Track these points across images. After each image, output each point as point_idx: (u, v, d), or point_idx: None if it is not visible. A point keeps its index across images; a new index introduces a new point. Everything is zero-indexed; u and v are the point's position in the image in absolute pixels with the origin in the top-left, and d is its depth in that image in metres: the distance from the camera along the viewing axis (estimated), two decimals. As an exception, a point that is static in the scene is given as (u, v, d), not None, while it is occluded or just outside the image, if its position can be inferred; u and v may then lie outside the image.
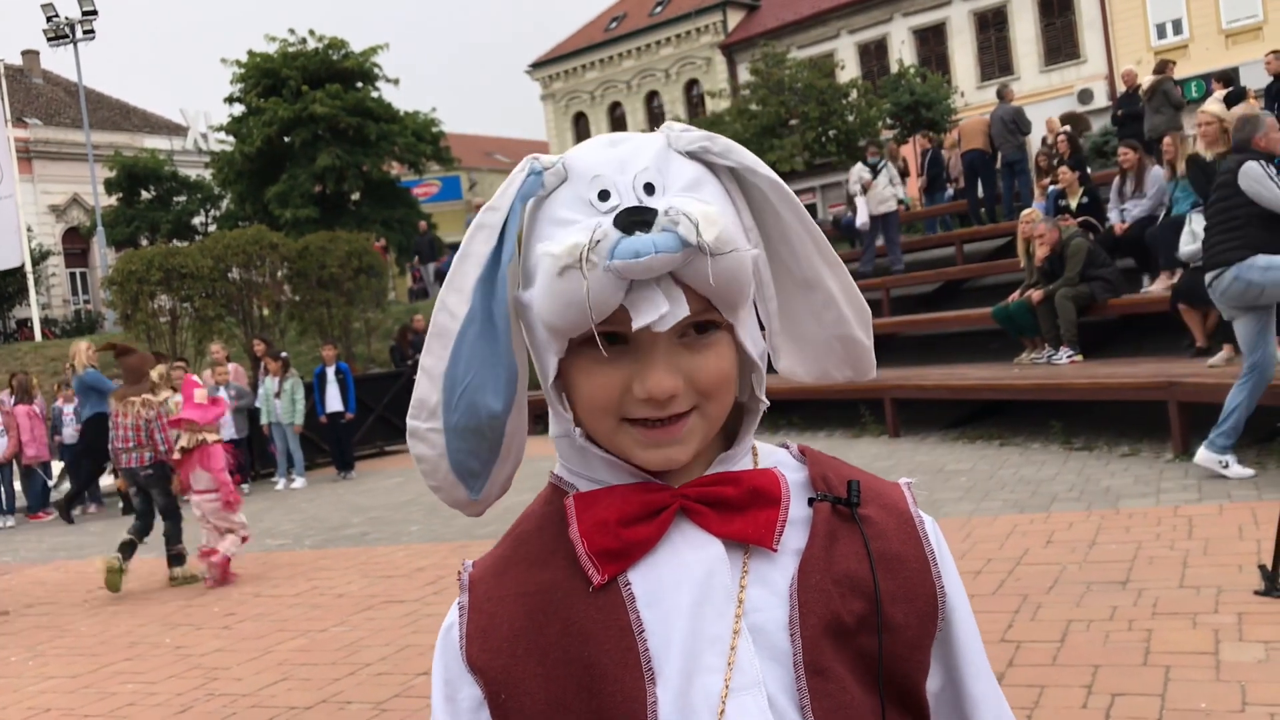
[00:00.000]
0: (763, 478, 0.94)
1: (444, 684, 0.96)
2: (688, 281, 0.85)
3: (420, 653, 5.40)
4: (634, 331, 0.86)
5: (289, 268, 18.48)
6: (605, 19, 46.15)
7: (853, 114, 25.27)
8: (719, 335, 0.90)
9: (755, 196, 0.96)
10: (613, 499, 0.92)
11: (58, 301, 36.97)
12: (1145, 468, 7.73)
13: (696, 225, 0.83)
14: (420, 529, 9.23)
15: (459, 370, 0.93)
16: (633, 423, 0.89)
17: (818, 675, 0.89)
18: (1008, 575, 5.45)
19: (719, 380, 0.90)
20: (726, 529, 0.91)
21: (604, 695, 0.88)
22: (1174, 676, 3.90)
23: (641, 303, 0.84)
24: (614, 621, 0.89)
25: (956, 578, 0.99)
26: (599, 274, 0.83)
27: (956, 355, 12.38)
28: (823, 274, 0.99)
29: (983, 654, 1.01)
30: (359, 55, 29.27)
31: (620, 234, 0.83)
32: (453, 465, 0.96)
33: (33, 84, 42.90)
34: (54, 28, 30.65)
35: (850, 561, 0.93)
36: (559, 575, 0.92)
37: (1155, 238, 10.32)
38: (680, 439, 0.90)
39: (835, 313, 1.01)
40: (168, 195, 33.57)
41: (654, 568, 0.90)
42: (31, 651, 6.52)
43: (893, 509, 0.99)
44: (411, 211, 29.90)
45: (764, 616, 0.90)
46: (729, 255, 0.84)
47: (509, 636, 0.92)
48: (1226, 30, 30.84)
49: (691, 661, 0.88)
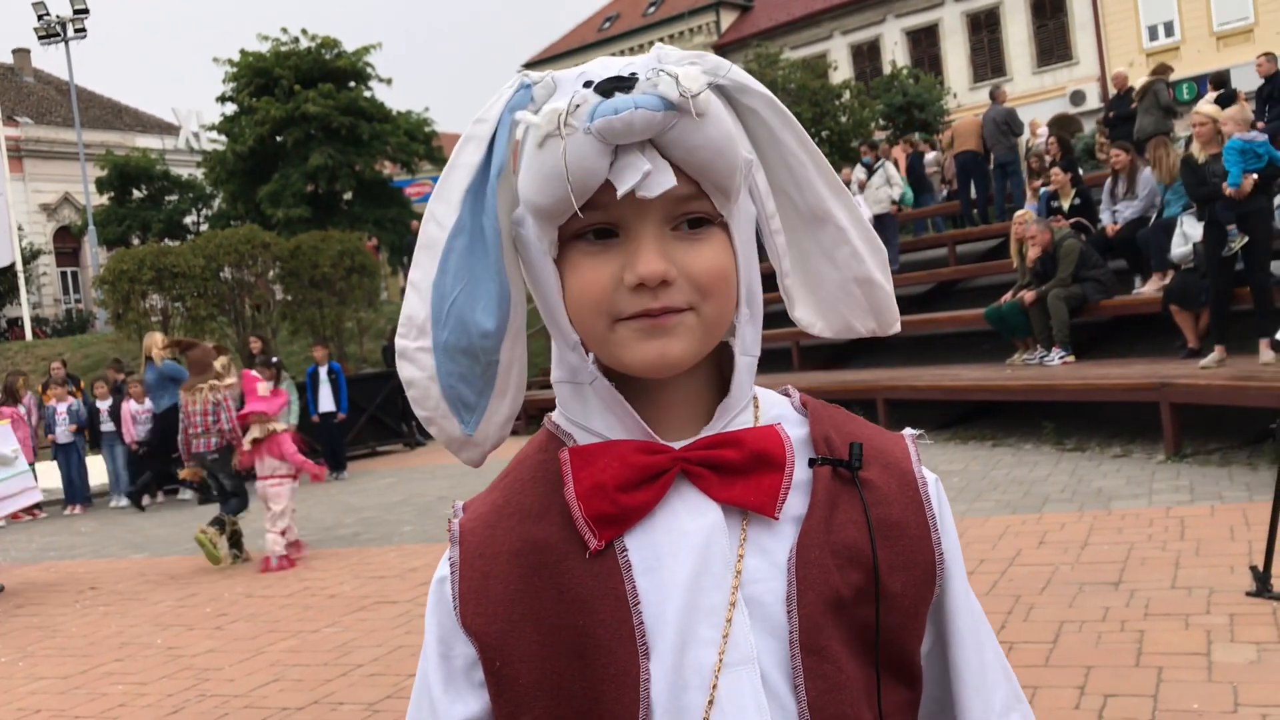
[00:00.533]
0: (767, 439, 0.91)
1: (438, 640, 0.93)
2: (672, 155, 0.82)
3: (412, 654, 5.39)
4: (623, 218, 0.84)
5: (281, 267, 18.47)
6: (599, 19, 46.16)
7: (845, 115, 25.32)
8: (714, 231, 0.87)
9: (750, 122, 0.92)
10: (610, 459, 0.89)
11: (49, 301, 36.84)
12: (1137, 469, 7.75)
13: (676, 79, 0.80)
14: (413, 529, 9.22)
15: (447, 282, 0.89)
16: (625, 322, 0.86)
17: (814, 654, 0.87)
18: (1000, 576, 5.46)
19: (714, 273, 0.86)
20: (727, 494, 0.88)
21: (597, 666, 0.86)
22: (1166, 677, 3.91)
23: (625, 169, 0.81)
24: (610, 590, 0.87)
25: (954, 538, 0.96)
26: (579, 137, 0.81)
27: (949, 356, 12.40)
28: (830, 204, 0.95)
29: (971, 616, 0.97)
30: (352, 55, 29.18)
31: (600, 98, 0.81)
32: (444, 390, 0.91)
33: (24, 82, 42.76)
34: (45, 26, 30.56)
35: (850, 530, 0.90)
36: (554, 534, 0.90)
37: (1147, 239, 10.34)
38: (673, 332, 0.85)
39: (848, 250, 0.95)
40: (159, 194, 33.47)
41: (651, 533, 0.88)
42: (21, 652, 6.49)
43: (895, 469, 0.95)
44: (404, 211, 29.84)
45: (761, 588, 0.88)
46: (717, 119, 0.82)
47: (504, 599, 0.90)
48: (1218, 32, 30.95)
49: (686, 634, 0.86)
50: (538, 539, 0.90)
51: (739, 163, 0.85)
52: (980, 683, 0.96)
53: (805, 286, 0.97)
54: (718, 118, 0.83)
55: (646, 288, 0.84)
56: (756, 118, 0.91)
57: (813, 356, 14.55)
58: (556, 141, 0.81)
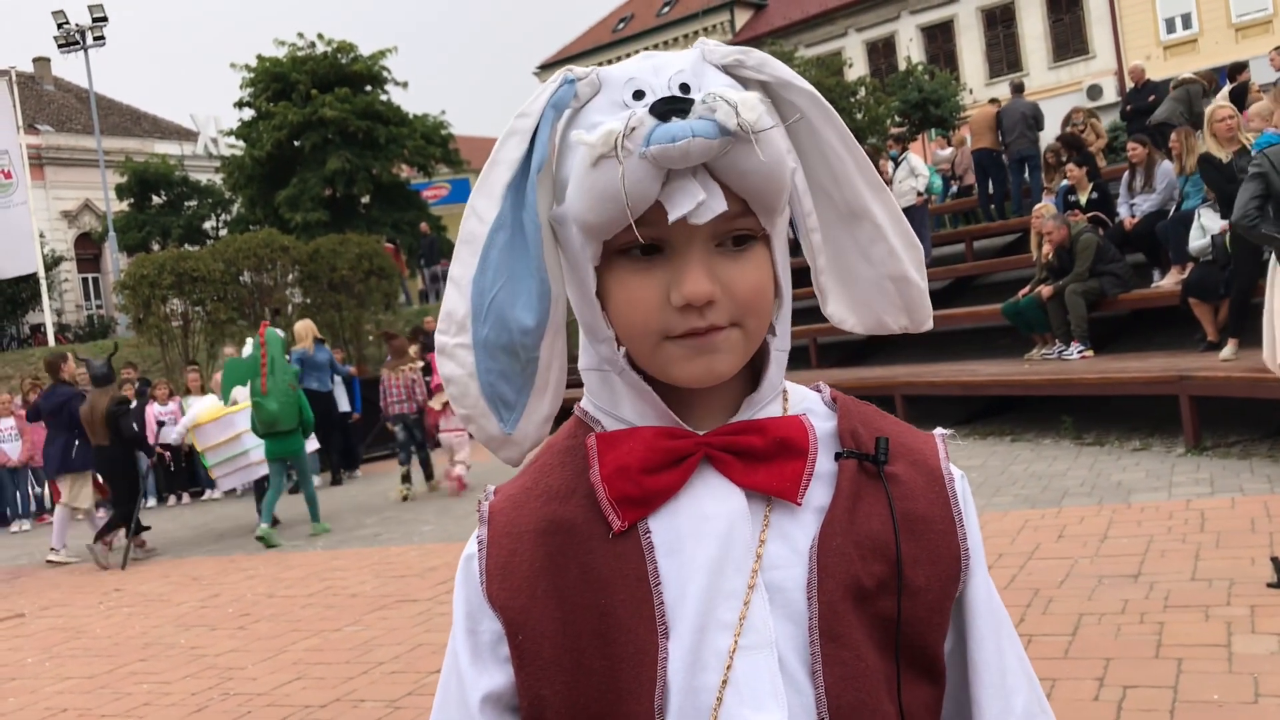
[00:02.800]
0: (790, 427, 0.92)
1: (465, 616, 0.95)
2: (725, 179, 0.82)
3: (433, 651, 5.42)
4: (670, 236, 0.84)
5: (300, 271, 18.57)
6: (613, 19, 46.21)
7: (861, 112, 25.24)
8: (756, 247, 0.87)
9: (791, 116, 0.91)
10: (636, 443, 0.90)
11: (70, 307, 37.10)
12: (1157, 462, 7.72)
13: (735, 108, 0.80)
14: (432, 529, 9.26)
15: (488, 278, 0.90)
16: (673, 340, 0.87)
17: (832, 641, 0.87)
18: (1019, 570, 5.45)
19: (757, 291, 0.87)
20: (750, 479, 0.89)
21: (617, 644, 0.88)
22: (1186, 669, 3.90)
23: (677, 194, 0.82)
24: (632, 570, 0.88)
25: (978, 536, 0.96)
26: (635, 161, 0.81)
27: (967, 351, 12.36)
28: (868, 201, 0.94)
29: (994, 617, 0.96)
30: (368, 59, 29.30)
31: (656, 121, 0.81)
32: (483, 388, 0.92)
33: (44, 91, 43.08)
34: (65, 34, 30.74)
35: (874, 522, 0.90)
36: (579, 514, 0.91)
37: (1165, 232, 10.29)
38: (720, 348, 0.87)
39: (884, 247, 0.95)
40: (179, 200, 33.66)
41: (674, 516, 0.89)
42: (48, 653, 6.56)
43: (922, 465, 0.96)
44: (421, 214, 29.93)
45: (782, 574, 0.89)
46: (771, 145, 0.82)
47: (528, 575, 0.91)
48: (1236, 24, 30.76)
49: (705, 616, 0.87)
50: (563, 518, 0.92)
51: (788, 182, 0.86)
52: (1000, 683, 0.95)
53: (840, 283, 0.98)
54: (772, 141, 0.83)
55: (693, 308, 0.85)
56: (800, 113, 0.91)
57: (830, 353, 14.53)
58: (612, 164, 0.81)
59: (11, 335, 31.06)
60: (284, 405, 9.59)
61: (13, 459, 13.32)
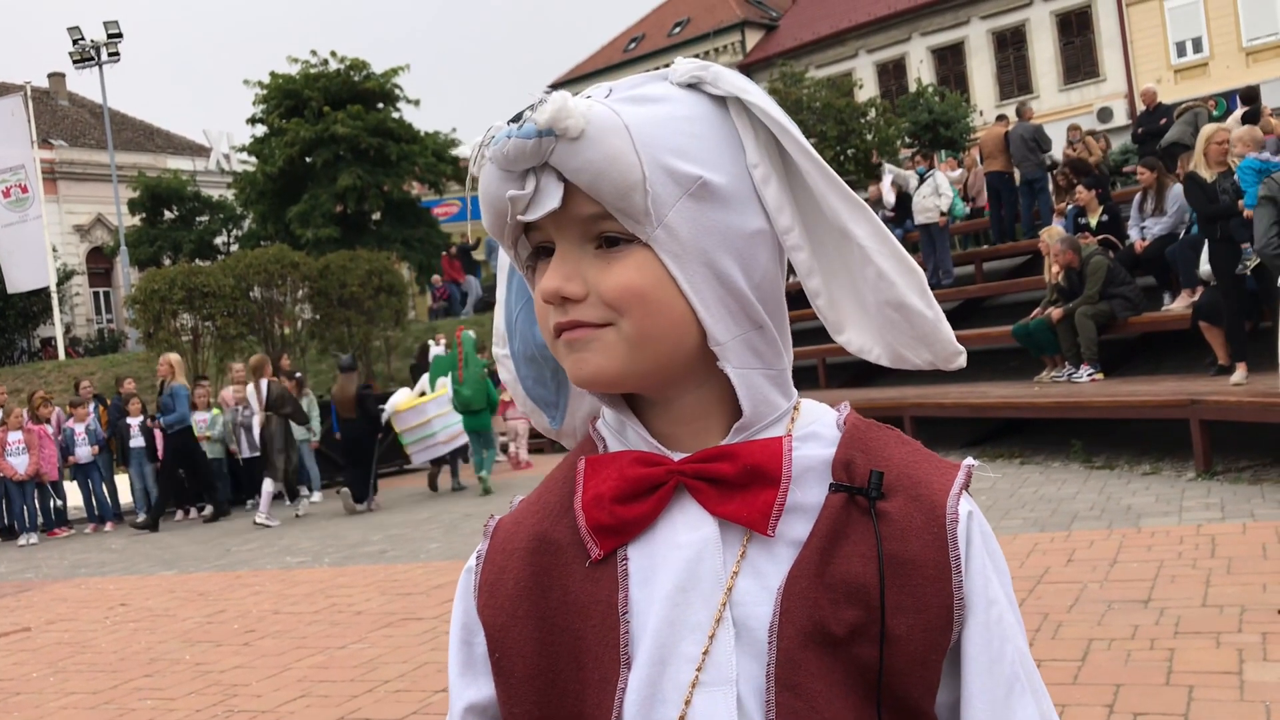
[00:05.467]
0: (764, 453, 0.88)
1: (461, 627, 0.97)
2: (567, 177, 0.84)
3: (438, 669, 5.40)
4: (551, 237, 0.88)
5: (310, 287, 18.63)
6: (624, 39, 46.41)
7: (871, 133, 25.29)
8: (631, 249, 0.85)
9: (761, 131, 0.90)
10: (612, 471, 0.90)
11: (81, 321, 37.27)
12: (1167, 486, 7.68)
13: (539, 109, 0.83)
14: (439, 546, 9.25)
15: (511, 300, 1.01)
16: (557, 338, 0.89)
17: (787, 690, 0.84)
18: (1028, 594, 5.42)
19: (623, 291, 0.85)
20: (723, 508, 0.87)
21: (586, 670, 0.88)
22: (1197, 696, 3.86)
23: (511, 192, 0.86)
24: (605, 597, 0.88)
25: (983, 582, 0.87)
26: (487, 167, 0.86)
27: (976, 373, 12.34)
28: (845, 220, 0.89)
29: (992, 671, 0.87)
30: (380, 76, 29.49)
31: (506, 127, 0.85)
32: (527, 391, 1.02)
33: (58, 106, 43.42)
34: (80, 50, 30.99)
35: (853, 563, 0.85)
36: (565, 536, 0.91)
37: (1176, 255, 10.28)
38: (587, 346, 0.87)
39: (873, 270, 0.90)
40: (190, 215, 33.84)
41: (651, 544, 0.89)
42: (53, 668, 6.55)
43: (925, 502, 0.88)
44: (432, 231, 30.06)
45: (749, 611, 0.86)
46: (585, 142, 0.82)
47: (512, 594, 0.92)
48: (1247, 48, 30.77)
49: (667, 649, 0.85)
50: (552, 538, 0.92)
51: (631, 182, 0.83)
52: None
53: (857, 310, 0.93)
54: (597, 140, 0.82)
55: (551, 304, 0.87)
56: (762, 127, 0.89)
57: (839, 374, 14.52)
58: (481, 170, 0.87)
59: (22, 348, 31.18)
60: (475, 391, 12.46)
61: (20, 472, 13.34)
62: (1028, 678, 0.88)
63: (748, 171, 0.88)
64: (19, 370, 24.37)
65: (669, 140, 0.85)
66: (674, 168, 0.84)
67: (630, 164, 0.83)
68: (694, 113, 0.87)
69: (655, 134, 0.84)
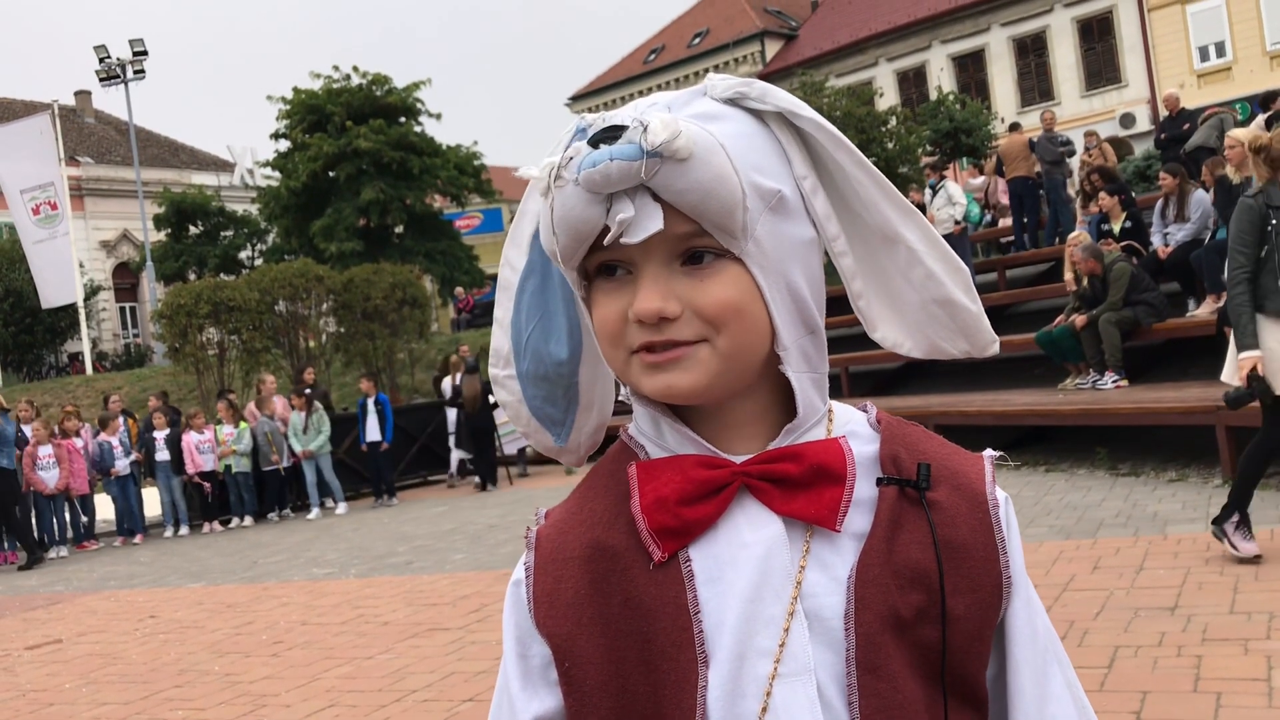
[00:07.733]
0: (828, 453, 0.92)
1: (516, 641, 0.97)
2: (666, 198, 0.84)
3: (465, 680, 5.44)
4: (632, 257, 0.87)
5: (334, 300, 18.75)
6: (644, 51, 46.53)
7: (892, 141, 25.22)
8: (722, 264, 0.88)
9: (813, 145, 0.94)
10: (673, 473, 0.92)
11: (108, 335, 37.64)
12: (1193, 493, 7.64)
13: (645, 130, 0.83)
14: (464, 557, 9.29)
15: (521, 320, 1.01)
16: (636, 355, 0.89)
17: (870, 672, 0.88)
18: (1054, 601, 5.40)
19: (721, 307, 0.87)
20: (788, 507, 0.90)
21: (659, 672, 0.89)
22: (1225, 703, 3.85)
23: (615, 215, 0.85)
24: (672, 598, 0.90)
25: (1020, 561, 0.96)
26: (569, 189, 0.85)
27: (1000, 381, 12.30)
28: (897, 225, 0.95)
29: (1034, 642, 0.95)
30: (402, 91, 29.66)
31: (590, 150, 0.85)
32: (532, 411, 1.03)
33: (85, 123, 43.91)
34: (106, 68, 31.32)
35: (913, 550, 0.91)
36: (621, 541, 0.93)
37: (1200, 261, 10.22)
38: (680, 365, 0.88)
39: (923, 270, 0.96)
40: (215, 230, 34.11)
41: (713, 544, 0.91)
42: (85, 679, 6.63)
43: (966, 490, 0.95)
44: (455, 244, 30.18)
45: (820, 602, 0.89)
46: (704, 164, 0.84)
47: (574, 602, 0.93)
48: (1271, 52, 30.57)
49: (744, 644, 0.88)
50: (607, 545, 0.94)
51: (735, 201, 0.86)
52: (1038, 713, 0.94)
53: (891, 307, 0.98)
54: (704, 160, 0.84)
55: (645, 323, 0.87)
56: (814, 140, 0.93)
57: (862, 382, 14.49)
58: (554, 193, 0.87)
59: (50, 364, 31.51)
60: None
61: (50, 487, 13.47)
62: (1055, 649, 0.97)
63: (795, 183, 0.92)
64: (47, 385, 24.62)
65: (749, 156, 0.88)
66: (759, 183, 0.88)
67: (733, 183, 0.86)
68: (750, 129, 0.90)
69: (741, 151, 0.88)
